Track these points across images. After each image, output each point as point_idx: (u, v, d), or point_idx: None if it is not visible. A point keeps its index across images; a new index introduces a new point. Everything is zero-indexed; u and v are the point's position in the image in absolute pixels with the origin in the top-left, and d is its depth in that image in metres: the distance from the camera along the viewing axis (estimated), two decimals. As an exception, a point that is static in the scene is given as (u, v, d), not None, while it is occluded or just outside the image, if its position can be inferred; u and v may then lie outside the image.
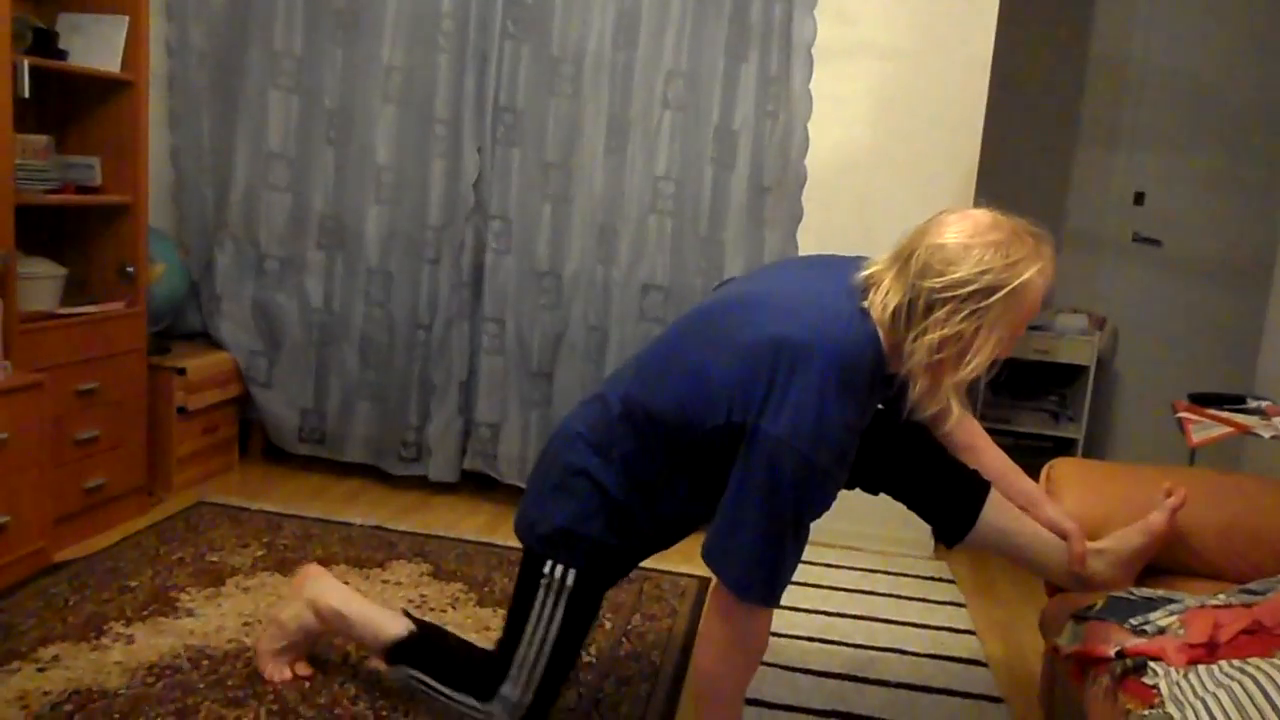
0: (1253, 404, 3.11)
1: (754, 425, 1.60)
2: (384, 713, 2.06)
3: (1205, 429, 2.85)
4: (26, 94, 2.59)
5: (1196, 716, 1.43)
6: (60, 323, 2.75)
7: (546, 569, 1.84)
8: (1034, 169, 4.58)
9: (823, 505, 1.66)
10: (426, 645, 2.00)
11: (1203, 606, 1.78)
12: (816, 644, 2.61)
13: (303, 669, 2.20)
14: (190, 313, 3.59)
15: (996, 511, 2.02)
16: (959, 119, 3.19)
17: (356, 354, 3.53)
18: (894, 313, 1.60)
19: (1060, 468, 2.27)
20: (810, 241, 3.25)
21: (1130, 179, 4.55)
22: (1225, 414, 2.98)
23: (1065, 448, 4.40)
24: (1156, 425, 4.45)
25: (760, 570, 1.62)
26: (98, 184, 2.95)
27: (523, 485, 3.42)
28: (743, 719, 1.80)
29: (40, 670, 2.11)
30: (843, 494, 3.46)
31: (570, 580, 1.84)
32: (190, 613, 2.43)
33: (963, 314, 1.54)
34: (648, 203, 3.29)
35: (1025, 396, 4.59)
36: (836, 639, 2.64)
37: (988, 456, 2.11)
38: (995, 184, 4.11)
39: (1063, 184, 4.60)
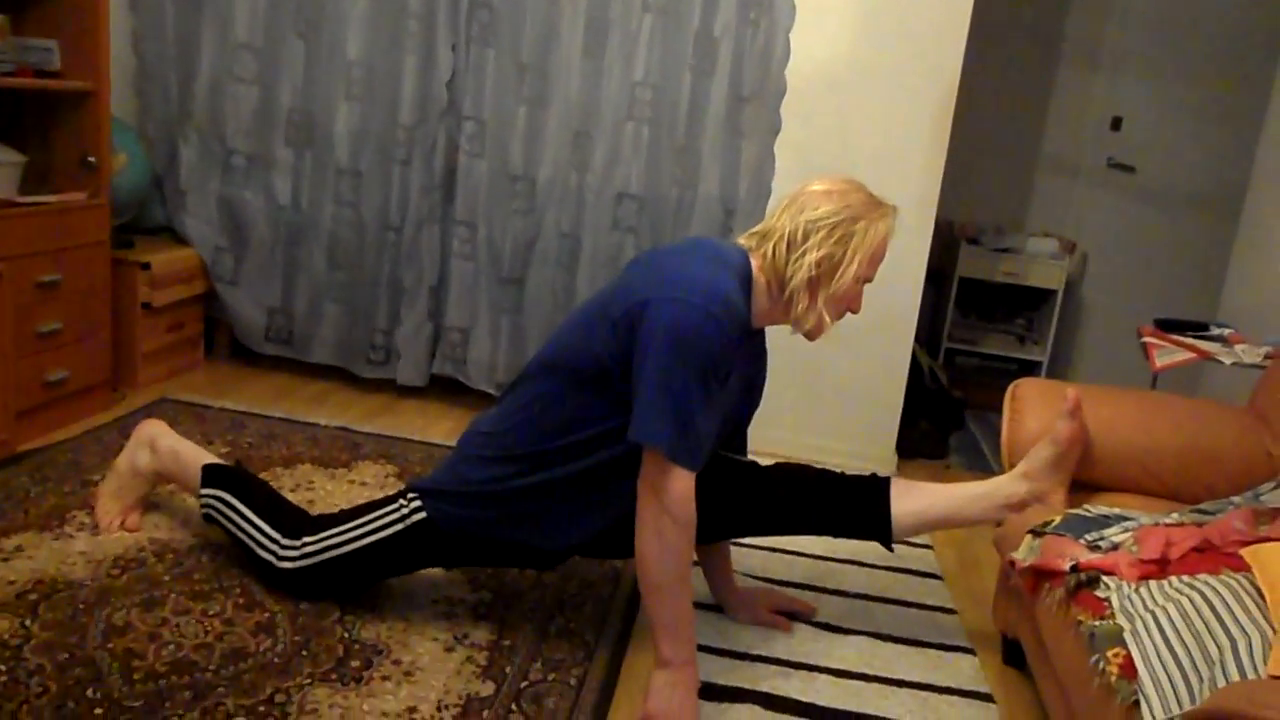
0: (1216, 331, 3.15)
1: (646, 299, 1.76)
2: (349, 615, 2.08)
3: (1168, 354, 2.90)
4: (-19, -30, 2.49)
5: (1145, 628, 1.48)
6: (19, 212, 2.68)
7: (406, 498, 1.98)
8: (1014, 89, 4.54)
9: (724, 361, 1.77)
10: (248, 480, 2.18)
11: (1156, 525, 1.83)
12: (778, 554, 2.65)
13: (133, 522, 2.32)
14: (154, 207, 3.52)
15: (904, 498, 2.09)
16: (942, 33, 3.14)
17: (325, 254, 3.48)
18: (776, 243, 1.89)
19: (1024, 387, 2.30)
20: (788, 156, 3.22)
21: (1109, 104, 4.54)
22: (1189, 340, 3.03)
23: (1030, 370, 4.46)
24: (1120, 349, 4.52)
25: (670, 422, 1.72)
26: (57, 68, 2.85)
27: (492, 391, 3.44)
28: (691, 607, 1.85)
29: (4, 560, 2.11)
30: (806, 402, 3.49)
31: (414, 519, 1.96)
32: (155, 507, 2.42)
33: (834, 238, 1.87)
34: (624, 109, 3.23)
35: (992, 319, 4.64)
36: (797, 549, 2.69)
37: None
38: (974, 103, 4.08)
39: (1041, 106, 4.58)
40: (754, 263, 1.93)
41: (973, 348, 4.51)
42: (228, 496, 2.13)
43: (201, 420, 3.05)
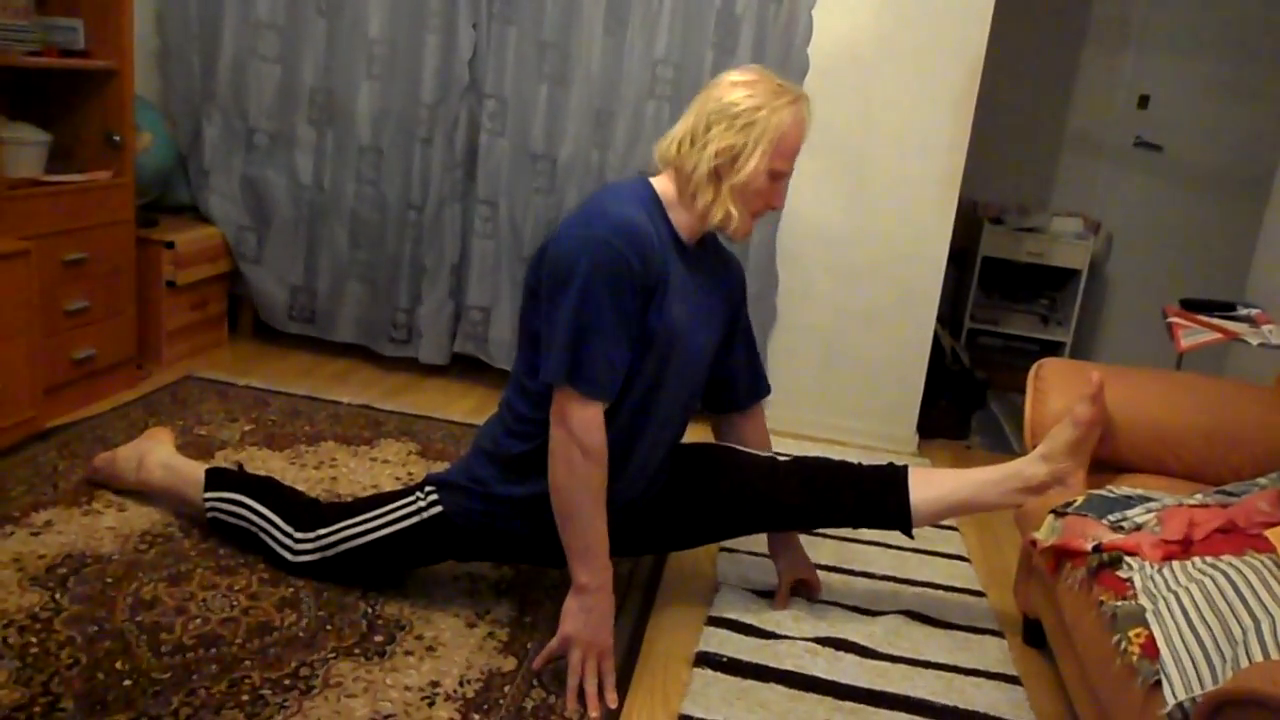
0: (1242, 311, 3.12)
1: (544, 246, 1.83)
2: (372, 592, 2.10)
3: (1194, 334, 2.87)
4: (6, -51, 2.50)
5: (1168, 608, 1.47)
6: (46, 190, 2.71)
7: (423, 491, 2.00)
8: (1040, 67, 4.50)
9: (631, 283, 1.75)
10: (251, 478, 2.20)
11: (1179, 505, 1.82)
12: (801, 538, 2.65)
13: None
14: (178, 186, 3.54)
15: (922, 486, 2.09)
16: (966, 9, 3.11)
17: (347, 233, 3.49)
18: (682, 138, 1.88)
19: (1047, 367, 2.28)
20: (810, 134, 3.19)
21: (1136, 82, 4.48)
22: (1215, 320, 3.00)
23: (1053, 350, 4.43)
24: (1145, 330, 4.48)
25: (565, 354, 1.75)
26: (81, 48, 2.86)
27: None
28: (605, 533, 1.82)
29: (34, 535, 2.14)
30: (828, 381, 3.47)
31: (429, 514, 1.97)
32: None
33: (735, 129, 1.84)
34: (646, 87, 3.22)
35: (1016, 299, 4.60)
36: (821, 533, 2.68)
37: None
38: (1000, 80, 4.04)
39: (1068, 84, 4.53)
40: (663, 178, 1.93)
41: (995, 328, 4.49)
42: (236, 496, 2.14)
43: (225, 398, 3.07)
